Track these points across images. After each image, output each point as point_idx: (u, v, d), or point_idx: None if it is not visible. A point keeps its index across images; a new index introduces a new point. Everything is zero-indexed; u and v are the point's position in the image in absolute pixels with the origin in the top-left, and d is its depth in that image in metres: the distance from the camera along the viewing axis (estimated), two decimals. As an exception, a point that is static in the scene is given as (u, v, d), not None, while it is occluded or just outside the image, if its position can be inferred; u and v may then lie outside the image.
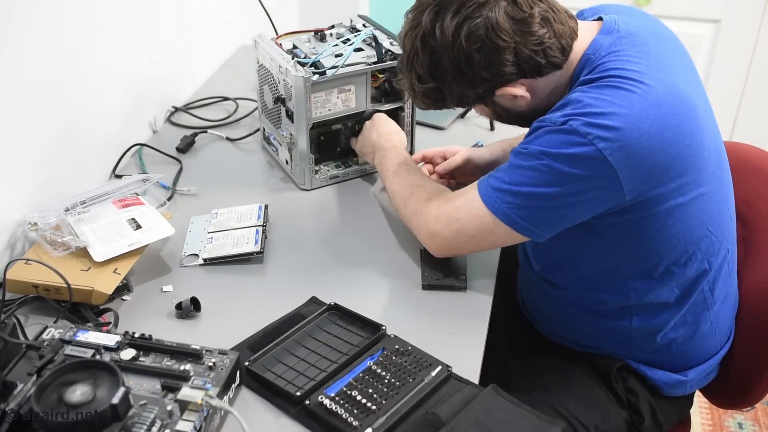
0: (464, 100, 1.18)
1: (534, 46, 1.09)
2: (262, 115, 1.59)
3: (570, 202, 1.08)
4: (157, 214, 1.28)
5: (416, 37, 1.12)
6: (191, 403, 0.91)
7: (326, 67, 1.38)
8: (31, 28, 1.26)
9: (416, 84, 1.16)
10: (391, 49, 1.44)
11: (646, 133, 1.02)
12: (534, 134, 1.09)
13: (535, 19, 1.08)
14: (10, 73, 1.22)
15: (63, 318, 1.13)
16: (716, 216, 1.18)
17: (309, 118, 1.41)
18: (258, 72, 1.54)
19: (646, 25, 1.17)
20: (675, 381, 1.28)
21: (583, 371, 1.29)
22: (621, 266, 1.19)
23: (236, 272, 1.27)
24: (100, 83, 1.50)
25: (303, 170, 1.47)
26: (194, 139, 1.65)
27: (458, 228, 1.18)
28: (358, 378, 1.03)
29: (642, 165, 1.04)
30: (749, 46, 2.61)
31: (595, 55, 1.11)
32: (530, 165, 1.07)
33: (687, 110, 1.07)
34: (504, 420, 0.97)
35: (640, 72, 1.06)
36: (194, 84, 1.91)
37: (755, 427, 2.13)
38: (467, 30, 1.07)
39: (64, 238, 1.21)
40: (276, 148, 1.56)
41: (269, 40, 1.49)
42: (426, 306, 1.21)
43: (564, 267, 1.27)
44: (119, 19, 1.55)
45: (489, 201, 1.13)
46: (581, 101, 1.05)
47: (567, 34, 1.11)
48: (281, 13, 2.21)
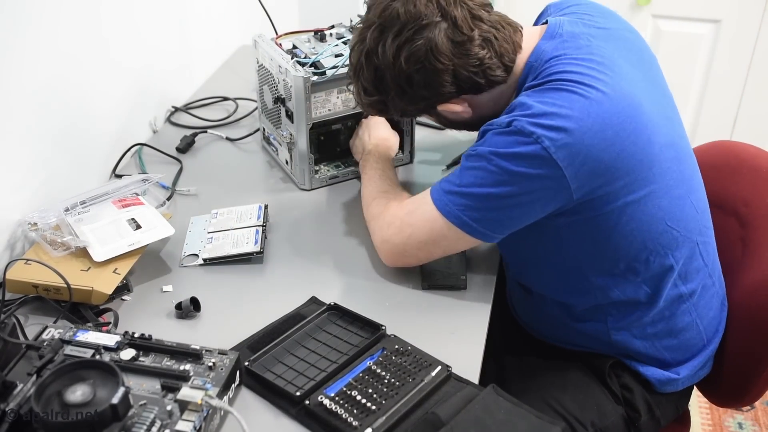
0: (407, 113, 1.25)
1: (473, 67, 1.13)
2: (262, 115, 1.59)
3: (520, 201, 1.10)
4: (157, 214, 1.28)
5: (361, 52, 1.17)
6: (191, 403, 0.91)
7: (326, 67, 1.38)
8: (31, 28, 1.26)
9: (362, 95, 1.22)
10: None
11: (588, 131, 1.05)
12: (482, 138, 1.12)
13: (475, 42, 1.12)
14: (10, 73, 1.22)
15: (63, 318, 1.13)
16: (676, 211, 1.18)
17: (309, 118, 1.41)
18: (258, 72, 1.54)
19: (600, 24, 1.20)
20: (666, 378, 1.28)
21: (577, 369, 1.29)
22: (582, 266, 1.20)
23: (236, 272, 1.27)
24: (100, 83, 1.50)
25: (303, 170, 1.47)
26: (194, 139, 1.65)
27: (410, 233, 1.20)
28: (358, 378, 1.03)
29: (586, 163, 1.06)
30: (749, 46, 2.61)
31: (537, 62, 1.14)
32: (480, 166, 1.10)
33: (630, 108, 1.08)
34: (504, 420, 0.97)
35: (581, 74, 1.08)
36: (194, 84, 1.91)
37: (755, 427, 2.13)
38: (407, 52, 1.12)
39: (64, 238, 1.21)
40: (276, 148, 1.56)
41: (269, 40, 1.49)
42: (426, 306, 1.21)
43: (529, 270, 1.29)
44: (119, 20, 1.55)
45: (440, 204, 1.15)
46: (525, 104, 1.08)
47: (510, 50, 1.15)
48: (281, 13, 2.21)
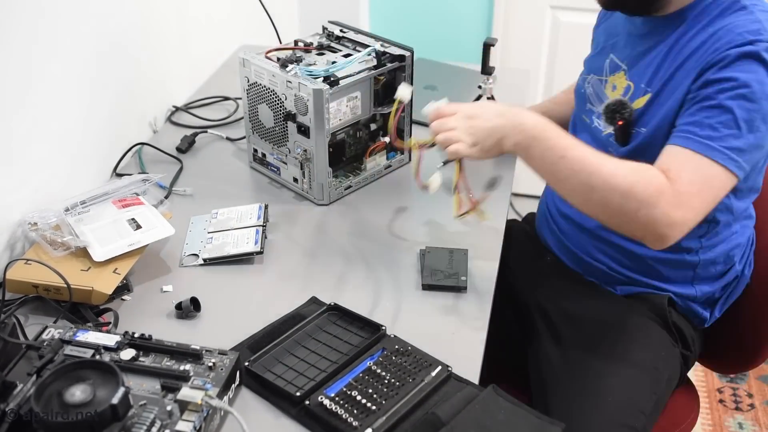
0: None
1: None
2: (253, 136, 1.52)
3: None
4: (157, 214, 1.28)
5: None
6: (191, 404, 0.91)
7: (339, 76, 1.37)
8: (30, 29, 1.26)
9: None
10: (388, 51, 1.45)
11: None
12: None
13: None
14: (9, 73, 1.22)
15: (63, 318, 1.13)
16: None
17: (328, 130, 1.38)
18: (247, 92, 1.47)
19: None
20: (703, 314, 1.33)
21: (634, 312, 1.32)
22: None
23: (236, 272, 1.27)
24: (100, 83, 1.50)
25: (321, 185, 1.42)
26: (195, 138, 1.65)
27: (702, 204, 1.10)
28: (358, 378, 1.03)
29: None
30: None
31: None
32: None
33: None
34: (504, 420, 0.97)
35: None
36: (194, 84, 1.91)
37: (755, 427, 2.13)
38: None
39: (64, 238, 1.21)
40: (277, 168, 1.51)
41: (262, 57, 1.43)
42: (426, 306, 1.21)
43: None
44: (119, 19, 1.55)
45: (733, 165, 1.09)
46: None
47: None
48: (281, 13, 2.21)
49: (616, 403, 1.20)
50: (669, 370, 1.29)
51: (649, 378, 1.25)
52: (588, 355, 1.27)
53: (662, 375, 1.27)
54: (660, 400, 1.26)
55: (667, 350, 1.30)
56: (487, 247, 1.33)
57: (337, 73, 1.38)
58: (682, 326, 1.34)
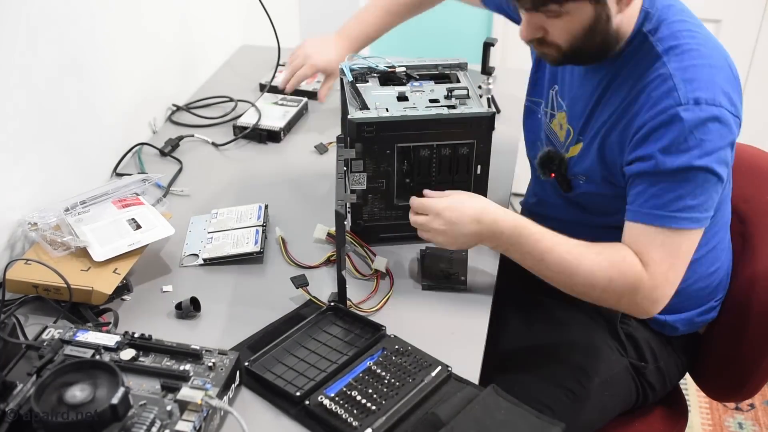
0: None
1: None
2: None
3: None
4: (157, 214, 1.28)
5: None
6: (191, 404, 0.91)
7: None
8: (30, 29, 1.26)
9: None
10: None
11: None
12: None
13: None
14: (10, 73, 1.22)
15: (63, 318, 1.13)
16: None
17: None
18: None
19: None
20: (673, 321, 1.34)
21: (581, 320, 1.34)
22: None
23: (236, 272, 1.27)
24: (100, 83, 1.50)
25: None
26: (179, 142, 1.63)
27: (677, 274, 1.15)
28: (358, 378, 1.03)
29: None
30: (749, 46, 2.61)
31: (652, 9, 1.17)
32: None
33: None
34: (504, 420, 0.97)
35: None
36: (195, 84, 1.91)
37: (755, 427, 2.13)
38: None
39: (64, 238, 1.21)
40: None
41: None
42: (426, 306, 1.21)
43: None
44: (120, 19, 1.55)
45: (688, 223, 1.12)
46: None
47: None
48: (281, 13, 2.21)
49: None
50: (604, 374, 1.30)
51: (571, 376, 1.29)
52: (534, 341, 1.36)
53: (591, 378, 1.29)
54: (587, 398, 1.28)
55: (607, 354, 1.32)
56: (486, 247, 1.33)
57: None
58: (639, 336, 1.34)
